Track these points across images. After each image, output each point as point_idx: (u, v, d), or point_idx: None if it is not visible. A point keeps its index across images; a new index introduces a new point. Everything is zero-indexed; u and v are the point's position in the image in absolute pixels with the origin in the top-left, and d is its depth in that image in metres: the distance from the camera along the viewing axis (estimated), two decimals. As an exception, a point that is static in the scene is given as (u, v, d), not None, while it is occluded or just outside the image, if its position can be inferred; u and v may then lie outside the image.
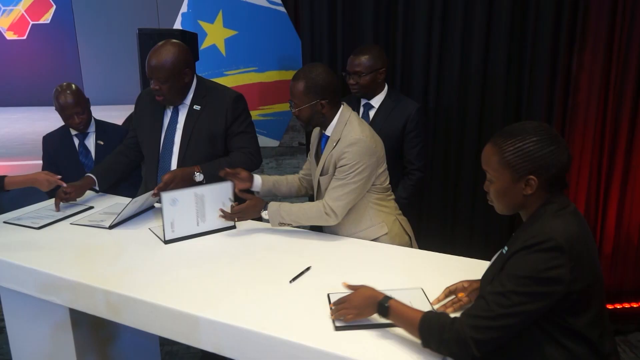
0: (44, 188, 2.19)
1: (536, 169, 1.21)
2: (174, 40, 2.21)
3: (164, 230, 1.90)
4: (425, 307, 1.36)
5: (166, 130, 2.30)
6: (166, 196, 1.88)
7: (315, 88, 1.88)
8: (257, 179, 2.11)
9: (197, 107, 2.25)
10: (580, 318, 1.19)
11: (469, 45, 2.84)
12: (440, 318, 1.20)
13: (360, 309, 1.33)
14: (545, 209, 1.24)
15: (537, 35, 2.71)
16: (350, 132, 1.89)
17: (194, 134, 2.25)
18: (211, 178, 2.16)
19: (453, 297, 1.45)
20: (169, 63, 2.12)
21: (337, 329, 1.34)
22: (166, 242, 1.91)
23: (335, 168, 1.91)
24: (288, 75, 4.98)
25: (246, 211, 1.96)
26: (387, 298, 1.29)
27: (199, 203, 1.95)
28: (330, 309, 1.38)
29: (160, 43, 2.18)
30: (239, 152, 2.28)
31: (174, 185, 2.09)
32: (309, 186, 2.22)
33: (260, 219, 2.06)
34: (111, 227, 2.05)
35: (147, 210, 2.24)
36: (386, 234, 1.97)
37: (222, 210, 1.97)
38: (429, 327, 1.20)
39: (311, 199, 2.16)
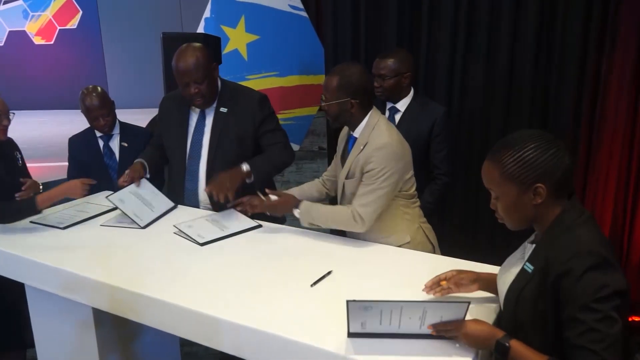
0: (78, 195, 2.12)
1: (541, 175, 1.17)
2: (192, 43, 2.24)
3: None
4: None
5: (193, 134, 2.31)
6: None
7: (347, 86, 1.87)
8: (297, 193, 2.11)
9: (223, 110, 2.27)
10: None
11: (495, 47, 2.80)
12: None
13: (472, 339, 1.24)
14: (563, 220, 1.19)
15: (566, 37, 2.67)
16: (378, 137, 1.88)
17: (222, 136, 2.26)
18: (259, 174, 2.18)
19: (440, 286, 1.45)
20: (201, 61, 2.13)
21: (351, 335, 1.32)
22: (202, 244, 1.92)
23: (362, 173, 1.89)
24: (309, 79, 4.99)
25: (278, 207, 1.98)
26: (508, 337, 1.20)
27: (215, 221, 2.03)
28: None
29: (181, 48, 2.20)
30: (273, 147, 2.29)
31: (220, 185, 2.06)
32: (333, 188, 2.20)
33: (282, 220, 2.05)
34: (145, 227, 2.09)
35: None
36: (408, 242, 1.95)
37: (250, 202, 1.96)
38: None
39: (333, 201, 2.15)
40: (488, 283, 1.46)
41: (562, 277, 1.13)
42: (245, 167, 2.16)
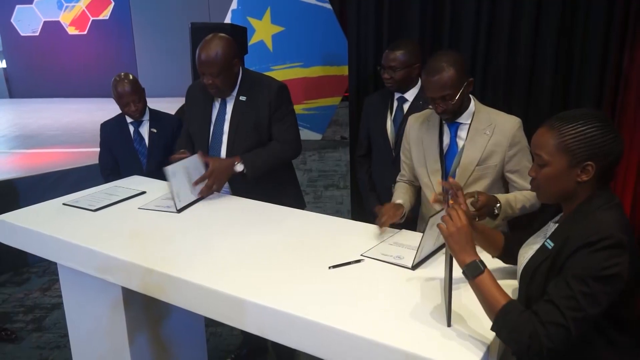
0: None
1: (595, 155, 1.17)
2: (221, 34, 2.27)
3: (175, 202, 2.11)
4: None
5: (215, 121, 2.38)
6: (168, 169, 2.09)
7: (464, 70, 1.77)
8: (406, 205, 2.01)
9: (243, 98, 2.32)
10: (625, 308, 1.17)
11: (516, 41, 2.78)
12: (520, 316, 1.15)
13: (459, 242, 1.26)
14: (592, 203, 1.20)
15: (587, 30, 2.62)
16: (503, 115, 1.88)
17: (241, 124, 2.32)
18: (252, 167, 2.25)
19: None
20: (220, 56, 2.18)
21: (415, 267, 1.53)
22: (179, 210, 2.08)
23: (503, 157, 1.87)
24: (332, 70, 5.01)
25: (484, 210, 1.74)
26: (483, 266, 1.23)
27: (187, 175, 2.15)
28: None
29: (207, 38, 2.23)
30: (275, 142, 2.34)
31: (213, 177, 2.19)
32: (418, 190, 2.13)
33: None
34: (179, 211, 2.12)
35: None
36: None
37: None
38: (504, 320, 1.16)
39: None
40: (484, 237, 1.51)
41: (575, 252, 1.14)
42: (239, 167, 2.23)
